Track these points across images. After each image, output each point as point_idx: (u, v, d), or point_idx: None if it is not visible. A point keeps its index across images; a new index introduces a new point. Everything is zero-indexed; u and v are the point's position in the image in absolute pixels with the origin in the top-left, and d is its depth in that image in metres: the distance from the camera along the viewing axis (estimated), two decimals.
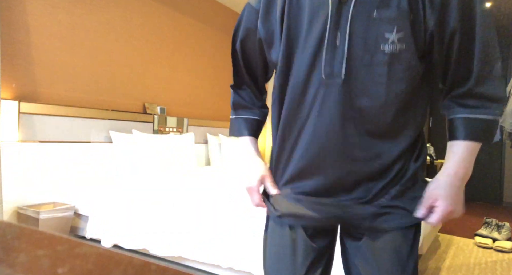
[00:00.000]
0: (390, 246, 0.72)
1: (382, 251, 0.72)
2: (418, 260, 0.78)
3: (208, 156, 3.70)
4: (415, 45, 0.63)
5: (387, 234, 0.72)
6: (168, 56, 3.31)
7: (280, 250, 0.78)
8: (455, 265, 2.19)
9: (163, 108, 3.20)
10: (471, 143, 0.67)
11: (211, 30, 3.87)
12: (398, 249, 0.72)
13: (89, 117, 2.55)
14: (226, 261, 1.68)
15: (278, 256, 0.78)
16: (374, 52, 0.63)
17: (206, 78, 3.83)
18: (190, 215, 1.83)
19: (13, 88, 2.16)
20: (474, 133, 0.67)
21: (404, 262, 0.72)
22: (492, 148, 4.66)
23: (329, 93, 0.67)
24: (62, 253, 0.32)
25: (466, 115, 0.67)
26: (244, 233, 1.66)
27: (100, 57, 2.69)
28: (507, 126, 3.08)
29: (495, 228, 2.81)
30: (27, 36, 2.23)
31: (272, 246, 0.80)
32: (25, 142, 2.17)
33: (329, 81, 0.66)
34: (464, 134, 0.67)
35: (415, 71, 0.66)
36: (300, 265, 0.76)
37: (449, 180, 0.68)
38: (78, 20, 2.53)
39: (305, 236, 0.76)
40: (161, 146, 2.82)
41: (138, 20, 2.99)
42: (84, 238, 2.22)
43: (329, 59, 0.66)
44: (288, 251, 0.76)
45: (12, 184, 2.09)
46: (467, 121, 0.67)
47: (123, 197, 2.09)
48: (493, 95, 0.66)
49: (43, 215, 1.99)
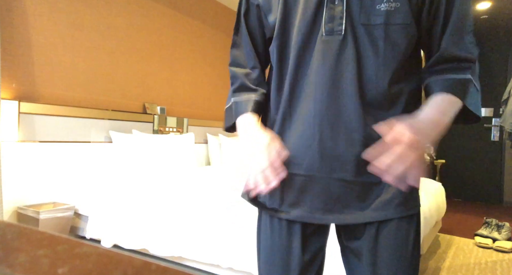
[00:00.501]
0: (392, 241, 0.71)
1: (383, 248, 0.71)
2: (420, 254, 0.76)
3: (208, 156, 3.70)
4: (409, 4, 0.66)
5: (385, 227, 0.71)
6: (168, 56, 3.31)
7: (274, 249, 0.78)
8: (455, 265, 2.19)
9: (163, 108, 3.20)
10: (447, 94, 0.68)
11: (211, 30, 3.87)
12: (400, 242, 0.71)
13: (89, 117, 2.55)
14: (226, 261, 1.68)
15: (272, 256, 0.78)
16: (370, 10, 0.67)
17: (206, 78, 3.83)
18: (190, 215, 1.83)
19: (13, 88, 2.16)
20: (448, 87, 0.68)
21: (408, 256, 0.71)
22: (492, 148, 4.66)
23: (328, 50, 0.69)
24: (62, 253, 0.32)
25: (439, 77, 0.70)
26: (244, 233, 1.66)
27: (100, 57, 2.69)
28: (507, 126, 3.08)
29: (495, 228, 2.81)
30: (27, 36, 2.23)
31: (265, 245, 0.80)
32: (25, 142, 2.17)
33: (329, 39, 0.68)
34: (438, 89, 0.69)
35: (410, 33, 0.68)
36: (296, 266, 0.76)
37: (418, 119, 0.66)
38: (78, 20, 2.53)
39: (301, 234, 0.76)
40: (161, 146, 2.83)
41: (138, 20, 2.99)
42: (84, 238, 2.22)
43: (328, 18, 0.69)
44: (283, 251, 0.76)
45: (12, 184, 2.09)
46: (441, 81, 0.70)
47: (123, 197, 2.09)
48: (465, 57, 0.69)
49: (43, 215, 1.99)
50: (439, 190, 2.52)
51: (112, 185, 2.27)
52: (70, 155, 2.40)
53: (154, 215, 1.92)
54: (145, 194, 2.06)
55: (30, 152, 2.18)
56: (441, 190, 2.58)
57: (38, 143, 2.23)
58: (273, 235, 0.80)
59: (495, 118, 4.64)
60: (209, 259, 1.73)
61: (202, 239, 1.75)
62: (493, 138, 4.66)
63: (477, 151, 4.78)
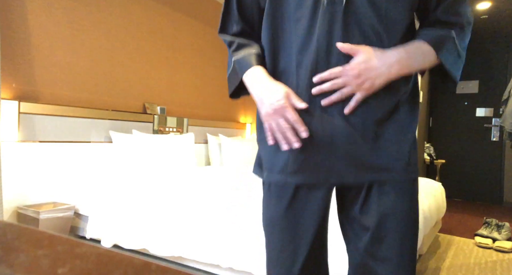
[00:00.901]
0: (399, 203, 0.72)
1: (390, 210, 0.72)
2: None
3: (208, 156, 3.70)
4: None
5: (391, 188, 0.72)
6: (168, 56, 3.31)
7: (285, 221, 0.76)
8: (455, 265, 2.19)
9: (163, 108, 3.20)
10: (423, 43, 0.72)
11: (211, 30, 3.87)
12: (407, 204, 0.73)
13: (89, 117, 2.55)
14: (226, 261, 1.68)
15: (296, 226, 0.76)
16: None
17: (206, 78, 3.83)
18: (190, 215, 1.83)
19: (13, 88, 2.16)
20: (424, 36, 0.73)
21: (413, 218, 0.73)
22: (492, 148, 4.66)
23: (331, 19, 0.69)
24: (62, 253, 0.32)
25: (424, 30, 0.75)
26: (244, 233, 1.66)
27: (100, 57, 2.69)
28: (507, 126, 3.08)
29: (495, 228, 2.81)
30: (27, 36, 2.23)
31: (274, 215, 0.78)
32: (25, 142, 2.17)
33: (330, 8, 0.69)
34: (418, 38, 0.73)
35: (411, 1, 0.71)
36: (309, 235, 0.75)
37: (381, 52, 0.69)
38: (78, 20, 2.53)
39: (323, 196, 0.75)
40: (161, 146, 2.83)
41: (138, 20, 3.00)
42: (84, 238, 2.22)
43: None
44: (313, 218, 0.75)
45: (12, 184, 2.09)
46: (422, 32, 0.74)
47: (123, 197, 2.09)
48: (456, 21, 0.73)
49: (43, 215, 1.99)
50: (439, 190, 2.52)
51: (112, 185, 2.27)
52: (70, 155, 2.40)
53: (154, 215, 1.92)
54: (145, 194, 2.06)
55: (30, 152, 2.18)
56: (441, 190, 2.58)
57: (38, 143, 2.23)
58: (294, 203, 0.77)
59: (495, 118, 4.64)
60: (209, 259, 1.73)
61: (202, 239, 1.75)
62: (493, 137, 4.66)
63: (477, 151, 4.78)
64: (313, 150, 0.72)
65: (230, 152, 3.58)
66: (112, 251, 0.33)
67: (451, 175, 4.94)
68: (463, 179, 4.87)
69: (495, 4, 3.67)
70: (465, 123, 4.87)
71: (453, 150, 4.95)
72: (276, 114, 0.71)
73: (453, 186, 4.91)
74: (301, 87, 0.72)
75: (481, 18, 4.03)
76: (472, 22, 0.75)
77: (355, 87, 0.68)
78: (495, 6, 3.73)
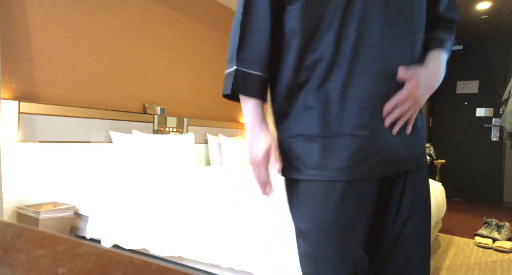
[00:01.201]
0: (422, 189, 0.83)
1: (418, 196, 0.82)
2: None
3: (208, 156, 3.70)
4: None
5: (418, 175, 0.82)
6: (168, 56, 3.31)
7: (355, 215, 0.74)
8: (455, 265, 2.19)
9: (163, 108, 3.20)
10: (443, 52, 0.83)
11: (211, 30, 3.87)
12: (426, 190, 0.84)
13: (89, 117, 2.55)
14: (226, 261, 1.68)
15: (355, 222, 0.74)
16: None
17: (206, 78, 3.83)
18: (190, 215, 1.83)
19: (13, 88, 2.16)
20: (444, 46, 0.84)
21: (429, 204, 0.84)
22: (492, 148, 4.66)
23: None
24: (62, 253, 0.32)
25: (438, 34, 0.85)
26: (244, 233, 1.66)
27: (100, 57, 2.69)
28: (507, 126, 3.08)
29: (495, 228, 2.81)
30: (27, 36, 2.23)
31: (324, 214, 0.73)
32: (25, 142, 2.17)
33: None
34: (438, 46, 0.83)
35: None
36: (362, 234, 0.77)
37: (428, 71, 0.77)
38: (78, 20, 2.53)
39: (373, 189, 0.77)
40: (161, 146, 2.83)
41: (138, 20, 3.00)
42: (84, 238, 2.22)
43: None
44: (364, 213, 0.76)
45: (12, 184, 2.09)
46: (440, 39, 0.84)
47: (123, 197, 2.09)
48: (454, 20, 0.88)
49: (43, 215, 1.99)
50: (439, 190, 2.52)
51: (112, 185, 2.27)
52: (70, 155, 2.40)
53: (154, 215, 1.92)
54: (145, 194, 2.06)
55: (30, 152, 2.18)
56: (441, 190, 2.58)
57: (38, 143, 2.23)
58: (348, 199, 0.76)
59: (495, 118, 4.64)
60: (209, 259, 1.73)
61: (202, 239, 1.75)
62: (493, 137, 4.66)
63: (477, 151, 4.78)
64: (370, 144, 0.73)
65: (230, 152, 3.58)
66: (112, 251, 0.33)
67: (451, 175, 4.94)
68: (463, 179, 4.87)
69: (495, 4, 3.67)
70: (465, 123, 4.87)
71: (453, 150, 4.95)
72: (253, 166, 0.77)
73: (453, 186, 4.91)
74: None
75: (481, 18, 4.03)
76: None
77: (415, 110, 0.76)
78: (495, 6, 3.73)
